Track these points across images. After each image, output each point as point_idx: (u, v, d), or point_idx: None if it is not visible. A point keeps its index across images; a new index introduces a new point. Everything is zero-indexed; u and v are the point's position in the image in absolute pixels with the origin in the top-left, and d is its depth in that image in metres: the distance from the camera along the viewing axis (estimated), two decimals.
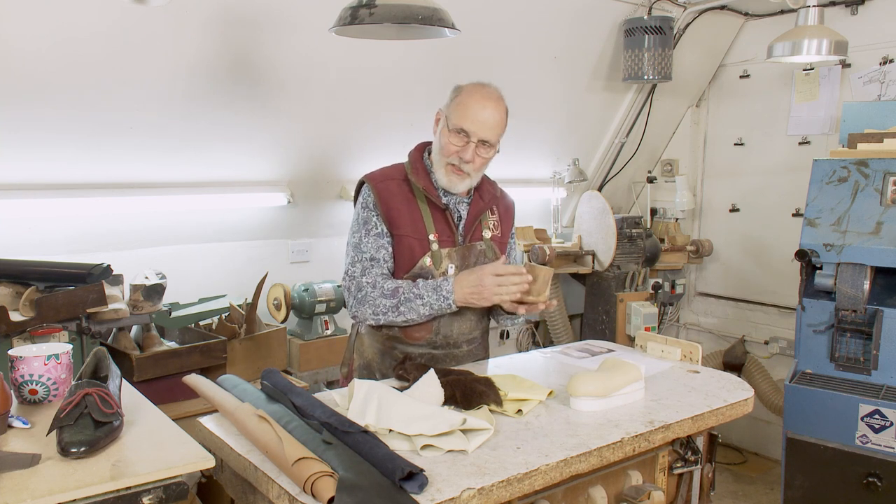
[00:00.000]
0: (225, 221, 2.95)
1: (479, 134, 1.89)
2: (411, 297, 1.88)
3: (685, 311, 4.37)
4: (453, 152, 1.92)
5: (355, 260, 1.96)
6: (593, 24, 3.46)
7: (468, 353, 2.07)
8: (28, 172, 2.43)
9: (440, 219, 1.98)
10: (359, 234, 1.97)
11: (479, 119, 1.89)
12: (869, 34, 3.37)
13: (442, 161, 1.95)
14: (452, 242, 1.99)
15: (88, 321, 2.21)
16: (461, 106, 1.91)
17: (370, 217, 1.96)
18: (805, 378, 2.77)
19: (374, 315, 1.92)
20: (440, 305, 1.88)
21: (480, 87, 1.94)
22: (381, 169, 2.04)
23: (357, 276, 1.95)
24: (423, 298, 1.88)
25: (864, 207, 2.69)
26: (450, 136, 1.91)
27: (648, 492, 1.61)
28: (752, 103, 3.93)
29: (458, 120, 1.90)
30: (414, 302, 1.88)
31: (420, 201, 1.97)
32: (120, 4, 2.15)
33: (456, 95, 1.95)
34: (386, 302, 1.90)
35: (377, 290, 1.91)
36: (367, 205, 1.97)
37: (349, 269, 1.98)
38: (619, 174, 4.15)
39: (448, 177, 1.95)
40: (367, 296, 1.92)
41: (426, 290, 1.89)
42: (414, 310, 1.89)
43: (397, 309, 1.89)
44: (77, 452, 1.24)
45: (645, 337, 2.18)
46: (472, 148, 1.90)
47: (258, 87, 2.70)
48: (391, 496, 1.18)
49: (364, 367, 2.08)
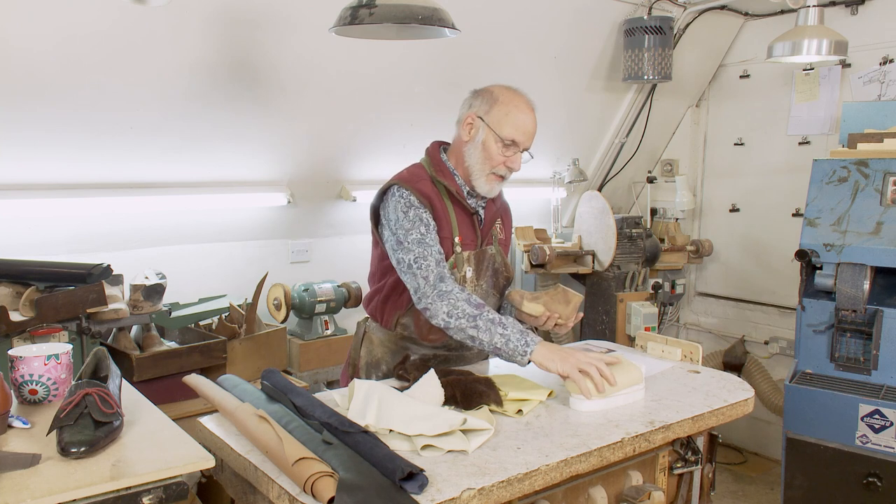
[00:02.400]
0: (225, 221, 2.95)
1: (527, 144, 1.92)
2: (496, 320, 1.76)
3: (685, 311, 4.38)
4: (501, 163, 1.91)
5: (426, 253, 1.83)
6: (593, 24, 3.46)
7: (477, 355, 2.07)
8: (28, 172, 2.43)
9: (465, 222, 1.96)
10: (419, 230, 1.85)
11: (530, 131, 1.91)
12: (869, 34, 3.37)
13: (486, 170, 1.91)
14: (473, 246, 1.97)
15: (88, 321, 2.21)
16: (509, 116, 1.88)
17: (421, 214, 1.87)
18: (805, 378, 2.77)
19: (446, 315, 1.78)
20: (515, 347, 1.73)
21: (519, 95, 1.93)
22: (406, 170, 1.98)
23: (433, 267, 1.82)
24: (507, 330, 1.74)
25: (864, 207, 2.69)
26: (498, 146, 1.89)
27: (649, 492, 1.61)
28: (752, 103, 3.93)
29: (510, 132, 1.88)
30: (495, 328, 1.74)
31: (447, 202, 1.94)
32: (120, 4, 2.15)
33: (494, 102, 1.90)
34: (468, 309, 1.76)
35: (464, 294, 1.79)
36: (413, 203, 1.87)
37: (419, 261, 1.83)
38: (619, 174, 4.15)
39: (490, 184, 1.93)
40: (451, 292, 1.79)
41: (513, 326, 1.76)
42: (490, 334, 1.74)
43: (475, 322, 1.75)
44: (77, 452, 1.23)
45: (645, 337, 2.18)
46: (519, 158, 1.92)
47: (258, 87, 2.69)
48: (391, 496, 1.18)
49: (372, 365, 2.04)
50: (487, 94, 1.92)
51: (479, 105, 1.92)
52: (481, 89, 1.95)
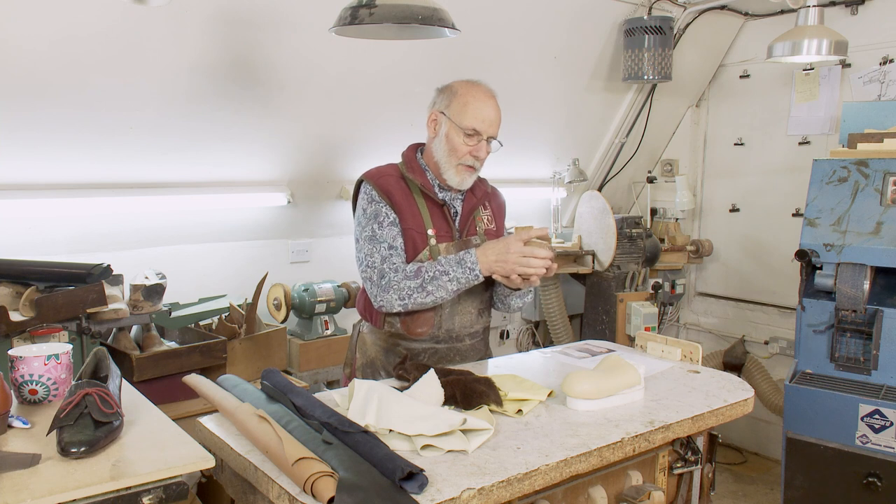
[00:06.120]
0: (225, 221, 2.95)
1: (489, 132, 1.96)
2: (436, 274, 1.87)
3: (685, 311, 4.38)
4: (467, 153, 1.95)
5: (373, 250, 1.94)
6: (593, 24, 3.46)
7: (471, 347, 2.08)
8: (28, 172, 2.43)
9: (437, 214, 2.00)
10: (371, 226, 1.95)
11: (489, 118, 1.95)
12: (869, 34, 3.37)
13: (453, 161, 1.97)
14: (450, 237, 2.01)
15: (88, 321, 2.20)
16: (467, 107, 1.94)
17: (380, 209, 1.96)
18: (805, 378, 2.77)
19: (400, 299, 1.89)
20: (467, 278, 1.87)
21: (477, 86, 1.98)
22: (376, 168, 2.05)
23: (378, 265, 1.93)
24: (449, 274, 1.87)
25: (864, 207, 2.69)
26: (462, 137, 1.94)
27: (648, 492, 1.61)
28: (752, 103, 3.93)
29: (469, 121, 1.93)
30: (440, 279, 1.87)
31: (417, 197, 1.99)
32: (120, 4, 2.15)
33: (453, 96, 1.97)
34: (410, 283, 1.88)
35: (400, 274, 1.90)
36: (374, 198, 1.97)
37: (367, 259, 1.94)
38: (619, 174, 4.15)
39: (460, 176, 1.98)
40: (390, 281, 1.90)
41: (450, 265, 1.88)
42: (442, 286, 1.87)
43: (424, 289, 1.87)
44: (77, 452, 1.23)
45: (645, 337, 2.18)
46: (484, 146, 1.96)
47: (258, 87, 2.70)
48: (391, 496, 1.18)
49: (368, 366, 2.07)
50: (447, 89, 2.00)
51: (441, 101, 2.00)
52: (443, 86, 2.02)
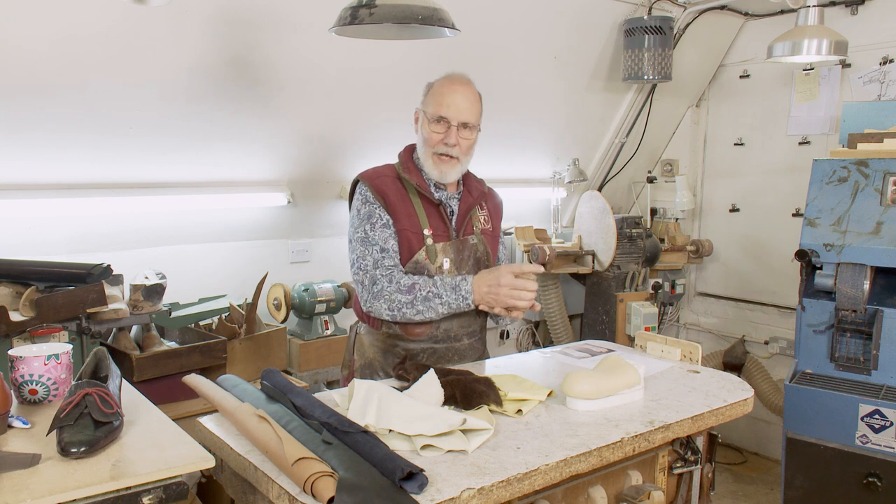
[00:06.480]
0: (225, 221, 2.95)
1: (458, 117, 1.96)
2: (429, 295, 1.89)
3: (685, 311, 4.38)
4: (437, 141, 1.97)
5: (365, 253, 1.95)
6: (593, 24, 3.46)
7: (469, 347, 2.08)
8: (28, 172, 2.43)
9: (434, 214, 2.01)
10: (364, 228, 1.96)
11: (455, 103, 1.95)
12: (869, 34, 3.37)
13: (428, 153, 1.99)
14: (447, 237, 2.01)
15: (88, 321, 2.21)
16: (435, 96, 1.98)
17: (373, 210, 1.97)
18: (805, 378, 2.77)
19: (389, 310, 1.91)
20: (458, 305, 1.90)
21: (449, 76, 2.02)
22: (373, 168, 2.06)
23: (370, 269, 1.93)
24: (442, 298, 1.89)
25: (864, 207, 2.69)
26: (430, 126, 1.97)
27: (648, 492, 1.61)
28: (752, 103, 3.93)
29: (435, 109, 1.96)
30: (432, 301, 1.89)
31: (413, 197, 2.00)
32: (120, 4, 2.15)
33: (428, 91, 2.02)
34: (402, 298, 1.89)
35: (393, 286, 1.90)
36: (368, 199, 1.98)
37: (359, 261, 1.95)
38: (619, 174, 4.15)
39: (438, 167, 1.99)
40: (382, 290, 1.91)
41: (444, 289, 1.89)
42: (432, 308, 1.90)
43: (414, 306, 1.89)
44: (77, 452, 1.23)
45: (645, 337, 2.18)
46: (454, 132, 1.96)
47: (258, 87, 2.70)
48: (391, 496, 1.18)
49: (366, 367, 2.07)
50: (428, 85, 2.03)
51: (421, 100, 2.04)
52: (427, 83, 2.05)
